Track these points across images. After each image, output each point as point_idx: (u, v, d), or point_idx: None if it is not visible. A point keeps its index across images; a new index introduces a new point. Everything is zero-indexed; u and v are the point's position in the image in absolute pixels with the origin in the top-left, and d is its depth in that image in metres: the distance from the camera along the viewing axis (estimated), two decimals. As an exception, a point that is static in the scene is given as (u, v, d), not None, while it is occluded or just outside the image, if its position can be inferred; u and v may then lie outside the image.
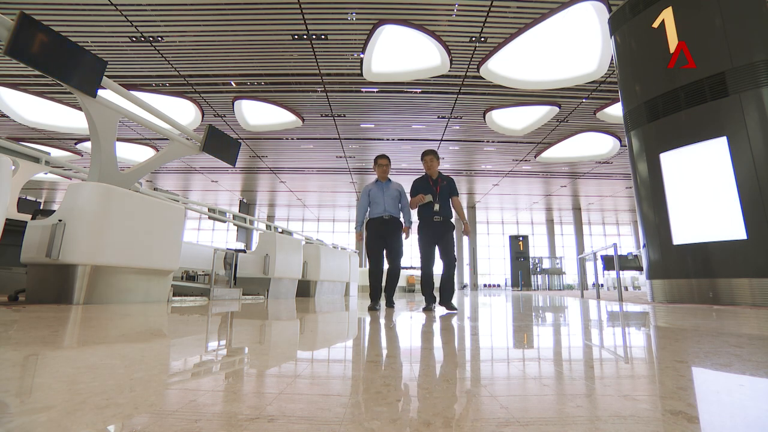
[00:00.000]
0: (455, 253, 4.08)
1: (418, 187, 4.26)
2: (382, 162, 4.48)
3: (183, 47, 8.04)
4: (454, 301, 4.41)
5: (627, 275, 20.52)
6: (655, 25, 5.71)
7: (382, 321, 2.72)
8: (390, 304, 4.22)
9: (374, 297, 4.20)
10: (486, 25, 7.28)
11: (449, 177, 4.28)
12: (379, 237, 4.24)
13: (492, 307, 4.72)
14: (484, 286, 24.91)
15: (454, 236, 4.14)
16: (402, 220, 4.44)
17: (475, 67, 8.62)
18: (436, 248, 4.11)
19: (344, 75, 9.05)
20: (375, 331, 2.18)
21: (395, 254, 4.26)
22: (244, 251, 6.94)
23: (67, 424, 0.61)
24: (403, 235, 4.42)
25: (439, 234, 4.05)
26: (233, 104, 10.42)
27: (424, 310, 3.76)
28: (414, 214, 4.47)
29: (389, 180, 4.48)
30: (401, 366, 1.17)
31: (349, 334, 2.09)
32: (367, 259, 4.31)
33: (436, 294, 4.08)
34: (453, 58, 8.29)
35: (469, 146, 13.31)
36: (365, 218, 4.48)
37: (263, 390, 0.86)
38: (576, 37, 7.84)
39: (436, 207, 4.04)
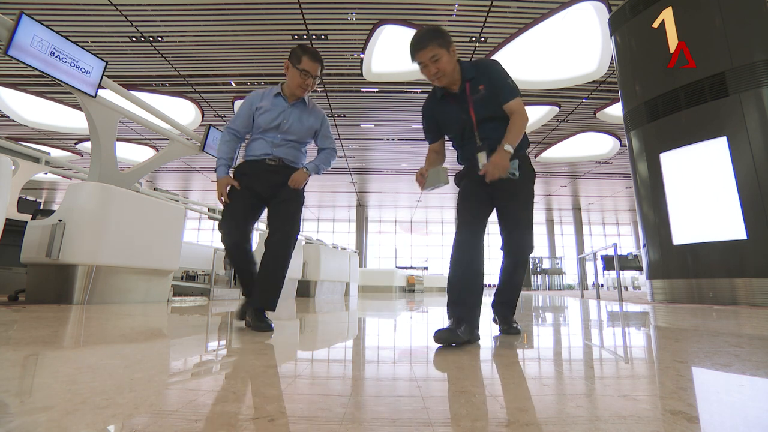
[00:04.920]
0: (530, 223, 1.88)
1: (429, 121, 1.97)
2: (309, 65, 2.06)
3: (183, 47, 8.04)
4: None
5: (627, 275, 20.52)
6: (655, 25, 5.71)
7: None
8: (261, 323, 1.88)
9: (249, 293, 2.09)
10: (486, 25, 7.28)
11: (488, 64, 1.84)
12: (251, 193, 2.10)
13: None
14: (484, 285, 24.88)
15: (528, 188, 1.90)
16: (305, 168, 2.19)
17: (475, 67, 8.62)
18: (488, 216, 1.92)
19: (344, 75, 9.05)
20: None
21: (288, 222, 2.08)
22: (244, 251, 6.92)
23: (67, 424, 0.61)
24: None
25: (493, 184, 1.72)
26: (233, 104, 10.42)
27: (438, 335, 1.50)
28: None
29: (304, 102, 2.20)
30: (400, 365, 1.17)
31: (349, 334, 2.09)
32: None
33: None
34: (453, 58, 8.29)
35: (469, 146, 13.29)
36: (236, 156, 2.23)
37: (263, 390, 0.86)
38: (576, 37, 7.84)
39: (482, 160, 1.78)
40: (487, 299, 2.21)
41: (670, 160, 5.53)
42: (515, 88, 1.79)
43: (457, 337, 1.49)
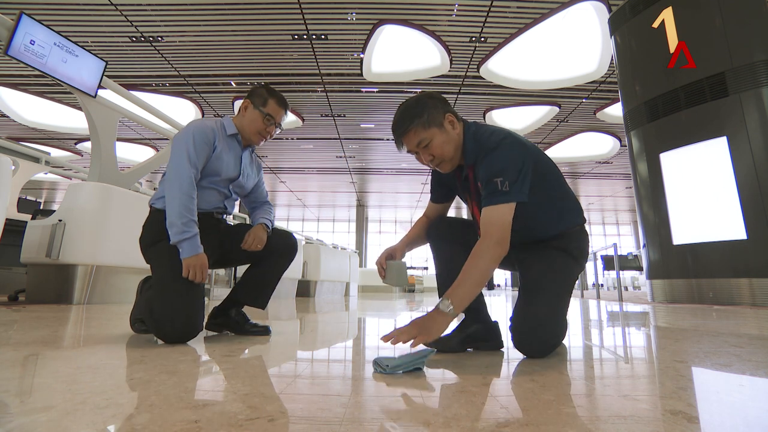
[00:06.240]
0: (561, 302, 1.34)
1: (435, 179, 1.57)
2: (275, 110, 1.74)
3: (183, 47, 8.04)
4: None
5: (627, 275, 20.52)
6: (655, 25, 5.71)
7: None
8: (255, 326, 1.76)
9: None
10: (486, 25, 7.28)
11: (487, 152, 1.24)
12: (217, 241, 1.73)
13: (492, 308, 4.72)
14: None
15: (566, 263, 1.37)
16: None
17: (475, 67, 8.62)
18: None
19: (344, 75, 9.05)
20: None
21: (291, 237, 1.86)
22: (244, 251, 6.92)
23: (67, 424, 0.61)
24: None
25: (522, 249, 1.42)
26: (233, 104, 10.42)
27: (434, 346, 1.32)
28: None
29: (251, 150, 1.87)
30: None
31: (349, 335, 2.09)
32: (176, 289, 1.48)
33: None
34: (453, 58, 8.29)
35: (469, 146, 13.29)
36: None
37: (263, 390, 0.86)
38: (576, 37, 7.84)
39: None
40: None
41: (670, 160, 5.53)
42: (504, 193, 1.18)
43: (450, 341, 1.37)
